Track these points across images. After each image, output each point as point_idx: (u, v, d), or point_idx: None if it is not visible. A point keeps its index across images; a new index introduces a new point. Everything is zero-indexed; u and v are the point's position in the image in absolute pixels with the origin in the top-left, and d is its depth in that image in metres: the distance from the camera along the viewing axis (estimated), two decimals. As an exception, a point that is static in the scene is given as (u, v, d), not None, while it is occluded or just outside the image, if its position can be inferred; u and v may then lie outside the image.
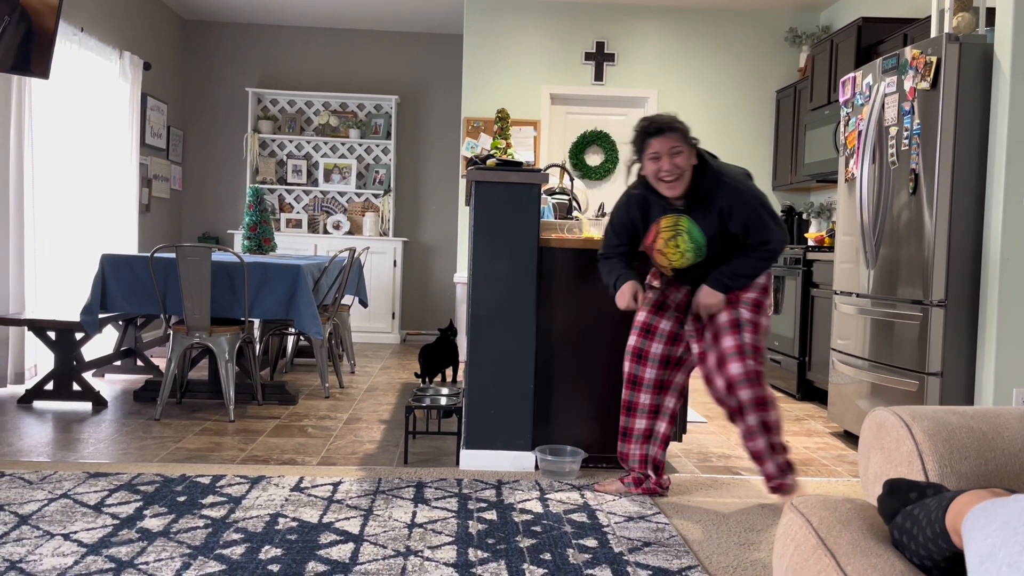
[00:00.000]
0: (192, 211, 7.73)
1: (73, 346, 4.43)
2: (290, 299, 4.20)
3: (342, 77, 7.70)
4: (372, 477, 3.20)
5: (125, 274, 4.19)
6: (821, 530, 1.31)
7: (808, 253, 5.23)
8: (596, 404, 3.45)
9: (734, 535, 2.69)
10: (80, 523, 2.59)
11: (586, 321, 3.43)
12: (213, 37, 7.65)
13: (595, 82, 6.67)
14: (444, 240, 7.83)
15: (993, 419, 1.45)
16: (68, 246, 5.52)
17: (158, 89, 7.05)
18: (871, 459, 1.51)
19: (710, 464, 3.64)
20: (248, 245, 5.08)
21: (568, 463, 3.29)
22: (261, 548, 2.42)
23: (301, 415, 4.34)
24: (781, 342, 5.52)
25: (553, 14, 6.66)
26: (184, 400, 4.61)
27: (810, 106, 5.89)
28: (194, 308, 4.06)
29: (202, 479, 3.08)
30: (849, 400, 4.13)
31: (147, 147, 6.77)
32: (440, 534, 2.59)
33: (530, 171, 3.35)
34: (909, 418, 1.44)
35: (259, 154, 7.58)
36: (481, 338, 3.38)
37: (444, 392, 3.82)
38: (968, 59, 3.47)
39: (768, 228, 2.85)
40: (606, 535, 2.63)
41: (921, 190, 3.59)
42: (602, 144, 6.76)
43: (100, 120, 5.86)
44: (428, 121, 7.78)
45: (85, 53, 5.58)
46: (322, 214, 7.67)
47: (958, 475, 1.36)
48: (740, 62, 6.74)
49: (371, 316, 7.41)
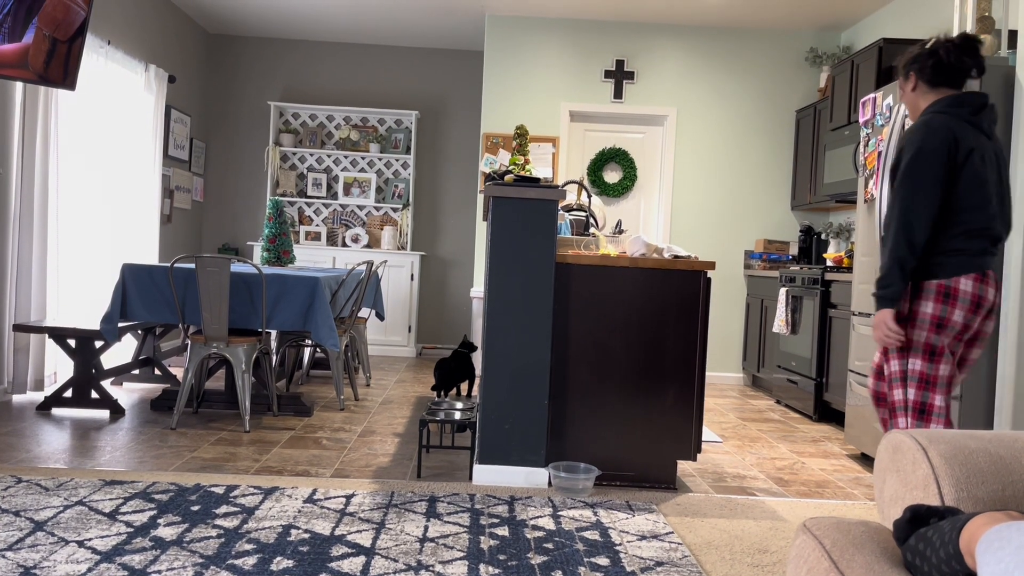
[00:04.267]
0: (213, 222, 7.80)
1: (93, 354, 4.47)
2: (307, 311, 4.23)
3: (363, 92, 7.77)
4: (385, 490, 3.20)
5: (145, 284, 4.24)
6: (834, 553, 1.29)
7: (826, 274, 5.20)
8: (611, 421, 3.44)
9: (747, 556, 2.66)
10: (95, 530, 2.60)
11: (602, 338, 3.43)
12: (237, 51, 7.74)
13: (614, 100, 6.68)
14: (461, 255, 7.85)
15: (1011, 443, 1.43)
16: (90, 255, 5.59)
17: (182, 101, 7.14)
18: (887, 482, 1.50)
19: (724, 484, 3.61)
20: (267, 257, 5.12)
21: (582, 480, 3.27)
22: (273, 559, 2.42)
23: (316, 427, 4.36)
24: (798, 363, 5.49)
25: (573, 32, 6.70)
26: (200, 410, 4.63)
27: (830, 126, 5.87)
28: (212, 318, 4.09)
29: (216, 489, 3.09)
30: (866, 422, 4.09)
31: (170, 158, 6.85)
32: (452, 549, 2.58)
33: (548, 187, 3.36)
34: (926, 441, 1.43)
35: (280, 167, 7.65)
36: (496, 353, 3.39)
37: (458, 406, 3.82)
38: (989, 81, 3.46)
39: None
40: (618, 554, 2.61)
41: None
42: (620, 161, 6.77)
43: (124, 131, 5.94)
44: (447, 136, 7.82)
45: (111, 65, 5.67)
46: (341, 227, 7.72)
47: (975, 499, 1.34)
48: (760, 81, 6.74)
49: (387, 329, 7.43)
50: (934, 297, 2.51)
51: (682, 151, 6.74)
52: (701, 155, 6.74)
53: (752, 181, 6.73)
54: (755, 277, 6.49)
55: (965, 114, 2.53)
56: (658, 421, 3.44)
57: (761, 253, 6.53)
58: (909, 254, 2.49)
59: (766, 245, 6.54)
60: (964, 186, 2.49)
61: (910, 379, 2.56)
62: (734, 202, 6.73)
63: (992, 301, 2.54)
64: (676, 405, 3.44)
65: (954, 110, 2.54)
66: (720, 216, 6.73)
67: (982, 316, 2.54)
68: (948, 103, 2.55)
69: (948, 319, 2.50)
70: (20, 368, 4.76)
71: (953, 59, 2.56)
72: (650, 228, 6.86)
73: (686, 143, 6.73)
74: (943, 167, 2.48)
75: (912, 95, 2.68)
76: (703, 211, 6.74)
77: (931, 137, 2.49)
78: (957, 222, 2.50)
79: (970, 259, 2.50)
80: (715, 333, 6.77)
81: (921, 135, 2.52)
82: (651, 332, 3.42)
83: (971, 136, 2.50)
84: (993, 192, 2.53)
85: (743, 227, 6.74)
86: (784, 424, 5.12)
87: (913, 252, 2.48)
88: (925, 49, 2.60)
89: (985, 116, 2.56)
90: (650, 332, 3.42)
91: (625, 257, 3.42)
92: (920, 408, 2.54)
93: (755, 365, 6.39)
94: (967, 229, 2.50)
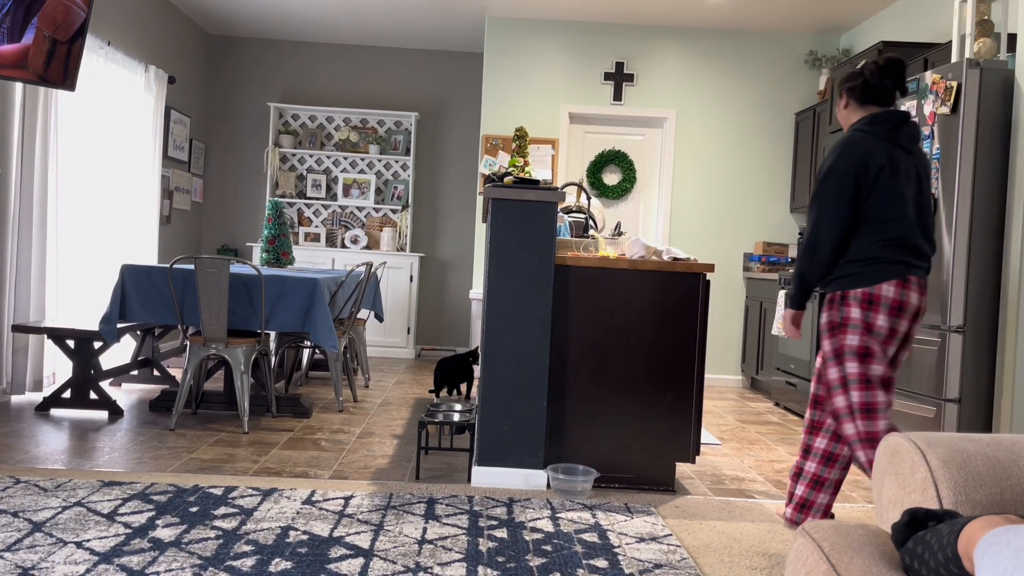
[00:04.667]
0: (212, 223, 7.80)
1: (91, 355, 4.47)
2: (306, 312, 4.23)
3: (363, 93, 7.77)
4: (383, 492, 3.20)
5: (144, 284, 4.24)
6: (832, 556, 1.29)
7: (825, 276, 5.20)
8: (609, 423, 3.44)
9: (745, 559, 2.66)
10: (93, 531, 2.60)
11: (601, 340, 3.43)
12: (237, 52, 7.75)
13: (614, 102, 6.69)
14: (461, 256, 7.85)
15: (1010, 447, 1.43)
16: (89, 256, 5.58)
17: (182, 102, 7.14)
18: (885, 485, 1.50)
19: (723, 487, 3.61)
20: (266, 258, 5.11)
21: (580, 482, 3.27)
22: (271, 560, 2.42)
23: (315, 428, 4.36)
24: (797, 365, 5.49)
25: (573, 34, 6.70)
26: (199, 411, 4.63)
27: (829, 129, 5.87)
28: (211, 319, 4.09)
29: (215, 490, 3.09)
30: (865, 425, 4.09)
31: (169, 159, 6.85)
32: (450, 551, 2.58)
33: (547, 189, 3.36)
34: (924, 444, 1.43)
35: (279, 168, 7.65)
36: (495, 355, 3.39)
37: (457, 408, 3.82)
38: (989, 84, 3.46)
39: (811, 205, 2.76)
40: (617, 556, 2.61)
41: (940, 215, 3.57)
42: (620, 163, 6.77)
43: (124, 132, 5.94)
44: (447, 138, 7.83)
45: (111, 66, 5.67)
46: (340, 228, 7.72)
47: (973, 503, 1.34)
48: (760, 84, 6.75)
49: (387, 331, 7.43)
50: (859, 304, 2.69)
51: (681, 153, 6.74)
52: (700, 157, 6.74)
53: (751, 183, 6.73)
54: (754, 279, 6.50)
55: (880, 131, 2.71)
56: (657, 423, 3.44)
57: (760, 255, 6.53)
58: (810, 269, 2.73)
59: (765, 247, 6.54)
60: (877, 199, 2.67)
61: (850, 383, 2.70)
62: (733, 204, 6.73)
63: (916, 305, 2.70)
64: (675, 407, 3.44)
65: (870, 128, 2.72)
66: (719, 218, 6.73)
67: (908, 319, 2.70)
68: (867, 121, 2.74)
69: (873, 324, 2.67)
70: (19, 369, 4.76)
71: (876, 80, 2.76)
72: (649, 230, 6.86)
73: (685, 145, 6.74)
74: (852, 186, 2.67)
75: (845, 112, 2.87)
76: (702, 213, 6.74)
77: (843, 156, 2.68)
78: (872, 232, 2.68)
79: (888, 266, 2.67)
80: (714, 335, 6.77)
81: (836, 154, 2.71)
82: (650, 334, 3.42)
83: (884, 152, 2.68)
84: (910, 204, 2.69)
85: (742, 229, 6.74)
86: (783, 427, 5.12)
87: (814, 268, 2.72)
88: (856, 70, 2.81)
89: (903, 132, 2.72)
90: (649, 334, 3.42)
91: (624, 259, 3.43)
92: (866, 408, 2.68)
93: (754, 367, 6.39)
94: (882, 239, 2.68)
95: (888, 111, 2.75)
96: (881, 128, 2.72)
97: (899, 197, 2.68)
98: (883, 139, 2.71)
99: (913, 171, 2.72)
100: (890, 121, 2.72)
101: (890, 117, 2.73)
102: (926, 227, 2.77)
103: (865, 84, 2.78)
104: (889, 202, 2.68)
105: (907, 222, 2.68)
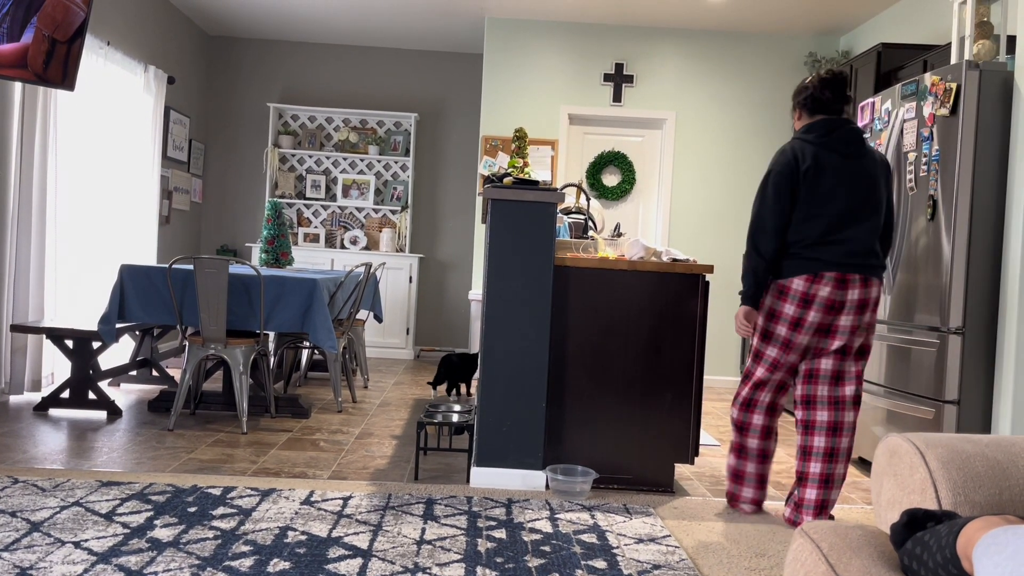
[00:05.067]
0: (211, 223, 7.80)
1: (90, 355, 4.47)
2: (305, 313, 4.23)
3: (362, 94, 7.77)
4: (382, 492, 3.20)
5: (143, 284, 4.24)
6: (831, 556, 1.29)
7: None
8: (608, 424, 3.44)
9: (744, 559, 2.66)
10: (91, 531, 2.60)
11: (600, 341, 3.43)
12: (237, 53, 7.75)
13: (613, 103, 6.69)
14: (460, 257, 7.85)
15: (1009, 448, 1.43)
16: (88, 256, 5.58)
17: (181, 103, 7.14)
18: (884, 486, 1.50)
19: (722, 488, 3.61)
20: (265, 258, 5.11)
21: (579, 483, 3.27)
22: (270, 561, 2.42)
23: (313, 429, 4.35)
24: (796, 366, 5.49)
25: (573, 35, 6.71)
26: (198, 411, 4.63)
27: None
28: (210, 320, 4.09)
29: (213, 490, 3.09)
30: (864, 426, 4.09)
31: (169, 160, 6.85)
32: (449, 551, 2.58)
33: (546, 190, 3.36)
34: (923, 445, 1.43)
35: (279, 168, 7.65)
36: (494, 355, 3.39)
37: (456, 408, 3.82)
38: (988, 86, 3.46)
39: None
40: (615, 557, 2.61)
41: (939, 216, 3.57)
42: (619, 165, 6.77)
43: (123, 132, 5.93)
44: (446, 139, 7.83)
45: (110, 66, 5.67)
46: (339, 229, 7.72)
47: (972, 504, 1.34)
48: (759, 85, 6.75)
49: (386, 331, 7.43)
50: (772, 293, 3.02)
51: (681, 155, 6.75)
52: (700, 159, 6.74)
53: (751, 185, 6.73)
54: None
55: (813, 139, 2.96)
56: (656, 424, 3.44)
57: (759, 257, 6.52)
58: (759, 259, 2.98)
59: (764, 249, 6.53)
60: (803, 200, 2.94)
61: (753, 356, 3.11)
62: (733, 205, 6.73)
63: (830, 299, 2.92)
64: (674, 408, 3.44)
65: (804, 135, 2.99)
66: (719, 220, 6.73)
67: (822, 311, 2.93)
68: (804, 130, 3.01)
69: (780, 312, 2.99)
70: (17, 368, 4.76)
71: (819, 93, 3.00)
72: (649, 231, 6.86)
73: (685, 147, 6.74)
74: (787, 187, 2.93)
75: (798, 123, 3.13)
76: (702, 214, 6.74)
77: (777, 162, 2.97)
78: (796, 231, 2.95)
79: (803, 262, 2.93)
80: (713, 336, 6.77)
81: (775, 159, 2.99)
82: (649, 335, 3.42)
83: (812, 155, 2.93)
84: (840, 204, 2.92)
85: (741, 231, 6.74)
86: (781, 428, 5.11)
87: (762, 257, 2.97)
88: (803, 84, 3.07)
89: (836, 138, 2.95)
90: (648, 335, 3.42)
91: (624, 260, 3.43)
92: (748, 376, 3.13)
93: (753, 369, 6.38)
94: (802, 237, 2.94)
95: (826, 119, 2.98)
96: (813, 135, 2.97)
97: (822, 197, 2.92)
98: (814, 144, 2.95)
99: (849, 174, 2.93)
100: (824, 128, 2.96)
101: (825, 124, 2.97)
102: (873, 226, 2.95)
103: (808, 97, 3.03)
104: (813, 203, 2.92)
105: (829, 220, 2.91)
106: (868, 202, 2.94)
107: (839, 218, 2.90)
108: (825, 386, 3.02)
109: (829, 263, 2.91)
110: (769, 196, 2.95)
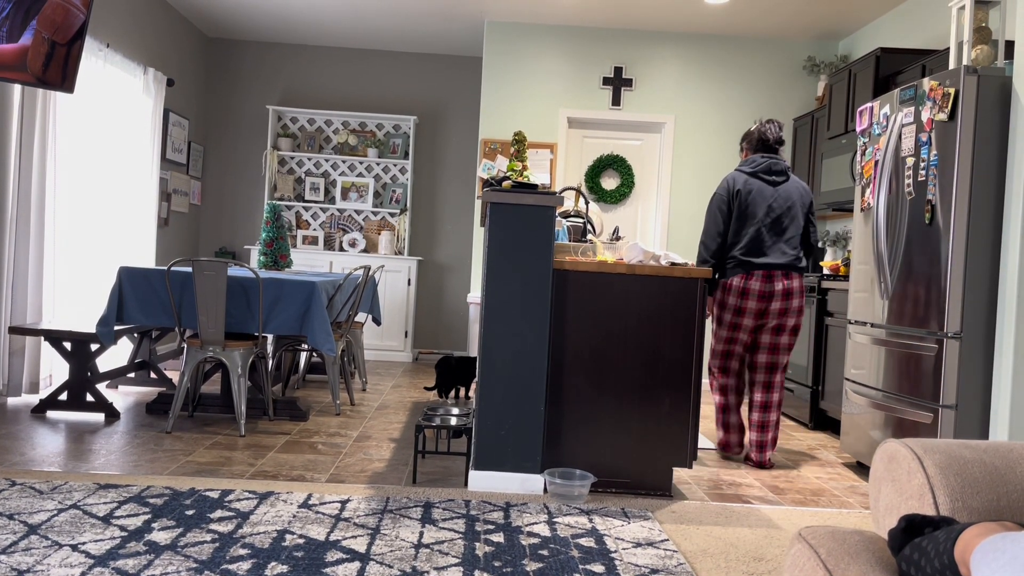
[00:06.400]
0: (210, 226, 7.80)
1: (88, 357, 4.46)
2: (304, 315, 4.23)
3: (362, 97, 7.78)
4: (380, 496, 3.20)
5: (142, 287, 4.23)
6: (829, 562, 1.29)
7: (823, 282, 5.21)
8: (607, 428, 3.44)
9: (742, 564, 2.66)
10: (88, 534, 2.60)
11: (598, 344, 3.43)
12: (236, 55, 7.75)
13: (612, 106, 6.70)
14: (459, 260, 7.86)
15: (1007, 453, 1.43)
16: (87, 258, 5.58)
17: (180, 105, 7.14)
18: (882, 491, 1.50)
19: (720, 492, 3.61)
20: (264, 261, 5.11)
21: (577, 487, 3.27)
22: (267, 564, 2.42)
23: (311, 431, 4.35)
24: (795, 371, 5.49)
25: (572, 39, 6.71)
26: (196, 414, 4.62)
27: (827, 135, 5.89)
28: (209, 322, 4.08)
29: (211, 493, 3.09)
30: (862, 431, 4.09)
31: (168, 162, 6.85)
32: (447, 555, 2.58)
33: (545, 193, 3.36)
34: (921, 451, 1.43)
35: (278, 171, 7.65)
36: (493, 359, 3.39)
37: (454, 412, 3.82)
38: (986, 91, 3.47)
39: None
40: (613, 561, 2.61)
41: (937, 221, 3.58)
42: (618, 168, 6.78)
43: (122, 134, 5.94)
44: (446, 142, 7.83)
45: (110, 69, 5.67)
46: (338, 232, 7.72)
47: (969, 510, 1.35)
48: (758, 90, 6.76)
49: (384, 334, 7.43)
50: (720, 289, 4.08)
51: (680, 158, 6.75)
52: (699, 162, 6.75)
53: (749, 189, 6.73)
54: (752, 285, 6.49)
55: (747, 169, 4.03)
56: (654, 428, 3.44)
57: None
58: (706, 259, 4.02)
59: (763, 253, 6.54)
60: (736, 216, 3.99)
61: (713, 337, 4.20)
62: (731, 210, 6.73)
63: (760, 289, 3.94)
64: (672, 412, 3.44)
65: (742, 167, 4.06)
66: (717, 223, 6.73)
67: (755, 299, 3.95)
68: (742, 163, 4.09)
69: (725, 302, 4.04)
70: (15, 371, 4.75)
71: (758, 135, 4.10)
72: (647, 235, 6.87)
73: (684, 150, 6.75)
74: (725, 208, 4.00)
75: (742, 156, 4.24)
76: (700, 218, 6.74)
77: (720, 188, 4.05)
78: (731, 244, 4.01)
79: (738, 265, 3.98)
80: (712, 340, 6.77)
81: (719, 185, 4.05)
82: (648, 339, 3.43)
83: (743, 183, 3.98)
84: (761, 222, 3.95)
85: (740, 235, 6.74)
86: (780, 432, 5.11)
87: (707, 258, 4.02)
88: (749, 130, 4.15)
89: (762, 169, 4.00)
90: (647, 339, 3.43)
91: (622, 264, 3.43)
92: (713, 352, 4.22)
93: (751, 373, 6.38)
94: (733, 249, 4.00)
95: (762, 156, 4.04)
96: (748, 167, 4.03)
97: (750, 217, 3.95)
98: (746, 174, 4.01)
99: (773, 196, 3.97)
100: (755, 162, 4.03)
101: (755, 160, 4.03)
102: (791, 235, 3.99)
103: (755, 139, 4.11)
104: (741, 221, 3.97)
105: (754, 235, 3.95)
106: (787, 217, 3.96)
107: (766, 229, 3.93)
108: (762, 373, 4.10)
109: (758, 264, 3.94)
110: (711, 212, 4.02)
